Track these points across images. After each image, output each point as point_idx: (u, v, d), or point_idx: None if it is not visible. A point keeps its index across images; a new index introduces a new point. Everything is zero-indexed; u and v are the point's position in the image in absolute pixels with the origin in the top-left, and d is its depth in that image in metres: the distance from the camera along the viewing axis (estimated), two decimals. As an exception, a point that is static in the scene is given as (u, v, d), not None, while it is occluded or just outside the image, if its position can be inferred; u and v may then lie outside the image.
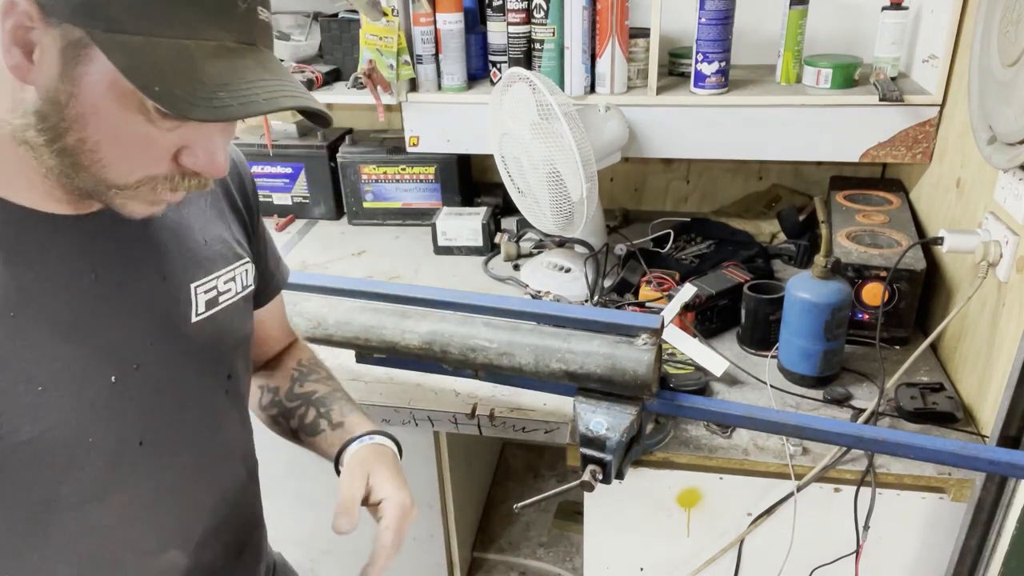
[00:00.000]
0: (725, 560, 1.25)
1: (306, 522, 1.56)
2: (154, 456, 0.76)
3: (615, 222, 1.91)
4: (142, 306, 0.74)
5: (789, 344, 1.28)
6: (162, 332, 0.75)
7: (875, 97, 1.48)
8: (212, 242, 0.82)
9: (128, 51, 0.56)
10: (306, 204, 2.03)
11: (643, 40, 1.62)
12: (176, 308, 0.77)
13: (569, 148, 1.40)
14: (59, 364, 0.67)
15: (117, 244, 0.72)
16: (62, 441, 0.68)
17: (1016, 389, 1.02)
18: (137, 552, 0.78)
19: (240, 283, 0.85)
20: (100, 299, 0.70)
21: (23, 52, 0.58)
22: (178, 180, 0.65)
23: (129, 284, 0.73)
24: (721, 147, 1.62)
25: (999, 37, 1.11)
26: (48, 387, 0.66)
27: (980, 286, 1.18)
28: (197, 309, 0.79)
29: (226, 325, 0.83)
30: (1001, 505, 1.08)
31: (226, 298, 0.83)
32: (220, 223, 0.84)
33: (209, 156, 0.65)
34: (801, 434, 1.08)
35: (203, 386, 0.81)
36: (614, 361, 1.02)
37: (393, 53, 1.62)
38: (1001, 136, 1.08)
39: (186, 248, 0.79)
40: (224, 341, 0.83)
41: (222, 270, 0.82)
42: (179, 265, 0.78)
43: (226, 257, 0.83)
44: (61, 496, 0.70)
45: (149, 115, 0.60)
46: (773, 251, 1.73)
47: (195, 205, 0.82)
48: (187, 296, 0.78)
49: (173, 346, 0.77)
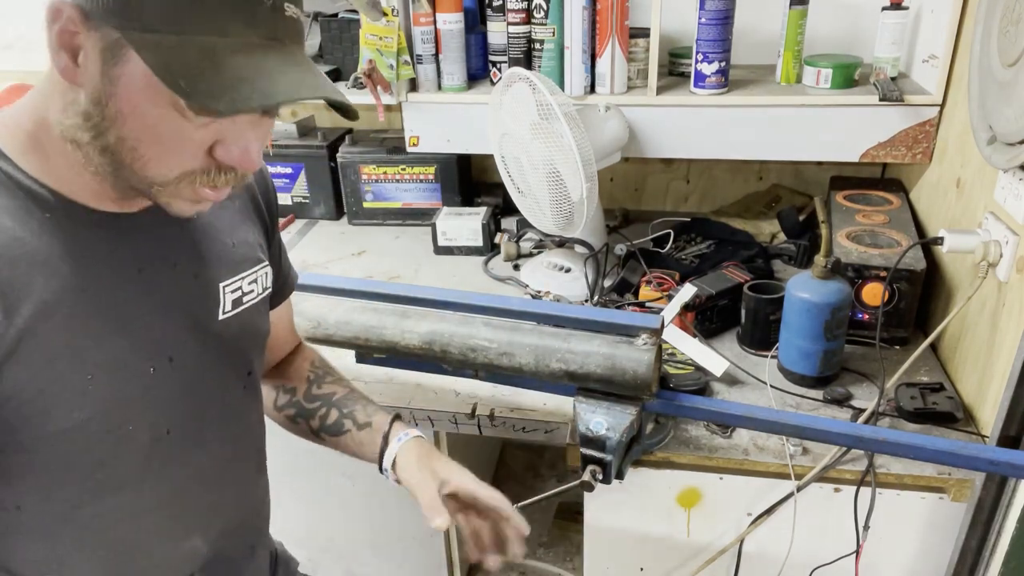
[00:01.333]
0: (725, 560, 1.25)
1: (303, 520, 1.56)
2: (181, 446, 0.80)
3: (615, 222, 1.91)
4: (177, 302, 0.78)
5: (789, 344, 1.28)
6: (193, 327, 0.79)
7: (875, 97, 1.48)
8: (239, 245, 0.86)
9: (159, 50, 0.59)
10: (306, 204, 2.03)
11: (643, 40, 1.62)
12: (206, 305, 0.81)
13: (569, 148, 1.40)
14: (106, 354, 0.70)
15: (158, 242, 0.76)
16: (104, 428, 0.71)
17: (1016, 389, 1.01)
18: (163, 538, 0.82)
19: (261, 285, 0.89)
20: (143, 293, 0.74)
21: (70, 55, 0.62)
22: (215, 175, 0.68)
23: (167, 280, 0.77)
24: (721, 147, 1.62)
25: (999, 37, 1.11)
26: (96, 376, 0.69)
27: (980, 286, 1.18)
28: (224, 307, 0.83)
29: (248, 324, 0.87)
30: (1001, 505, 1.08)
31: (249, 298, 0.87)
32: (246, 226, 0.89)
33: (242, 150, 0.67)
34: (801, 434, 1.08)
35: (226, 381, 0.85)
36: (614, 361, 1.01)
37: (393, 53, 1.62)
38: (1001, 136, 1.08)
39: (216, 249, 0.83)
40: (246, 339, 0.88)
41: (247, 271, 0.86)
42: (210, 265, 0.82)
43: (251, 260, 0.88)
44: (98, 482, 0.74)
45: (183, 111, 0.63)
46: (773, 251, 1.73)
47: (225, 208, 0.86)
48: (215, 295, 0.82)
49: (202, 342, 0.80)
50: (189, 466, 0.81)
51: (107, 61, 0.61)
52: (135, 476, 0.76)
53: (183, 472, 0.81)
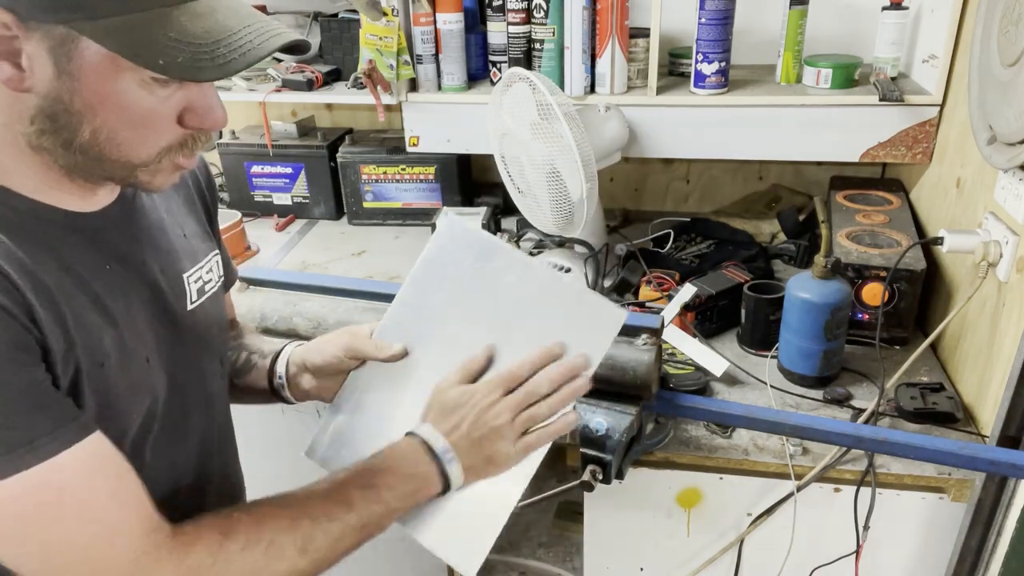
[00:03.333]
0: (725, 560, 1.25)
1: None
2: (168, 437, 0.79)
3: (615, 222, 1.91)
4: (148, 297, 0.77)
5: (789, 344, 1.28)
6: (167, 321, 0.79)
7: (875, 97, 1.48)
8: (191, 236, 0.86)
9: (119, 34, 0.58)
10: (306, 204, 2.03)
11: (643, 40, 1.62)
12: (174, 298, 0.81)
13: (569, 148, 1.40)
14: (110, 343, 0.70)
15: (121, 239, 0.75)
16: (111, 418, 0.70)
17: (1016, 389, 1.02)
18: None
19: (216, 273, 0.90)
20: (118, 291, 0.73)
21: (10, 63, 0.59)
22: (190, 143, 0.68)
23: (137, 277, 0.76)
24: (721, 147, 1.62)
25: (999, 37, 1.11)
26: (106, 364, 0.69)
27: (980, 286, 1.18)
28: (191, 297, 0.83)
29: (213, 312, 0.88)
30: (1001, 505, 1.08)
31: (210, 287, 0.88)
32: (192, 216, 0.89)
33: (208, 111, 0.67)
34: (801, 434, 1.08)
35: (204, 371, 0.85)
36: (614, 361, 1.02)
37: (393, 53, 1.62)
38: (1001, 136, 1.08)
39: (174, 241, 0.83)
40: (214, 327, 0.88)
41: (203, 260, 0.87)
42: (172, 257, 0.81)
43: (203, 249, 0.88)
44: None
45: (149, 88, 0.62)
46: (773, 251, 1.73)
47: (172, 200, 0.86)
48: (181, 287, 0.82)
49: (177, 333, 0.80)
50: (173, 456, 0.81)
51: (60, 59, 0.59)
52: None
53: (166, 463, 0.80)
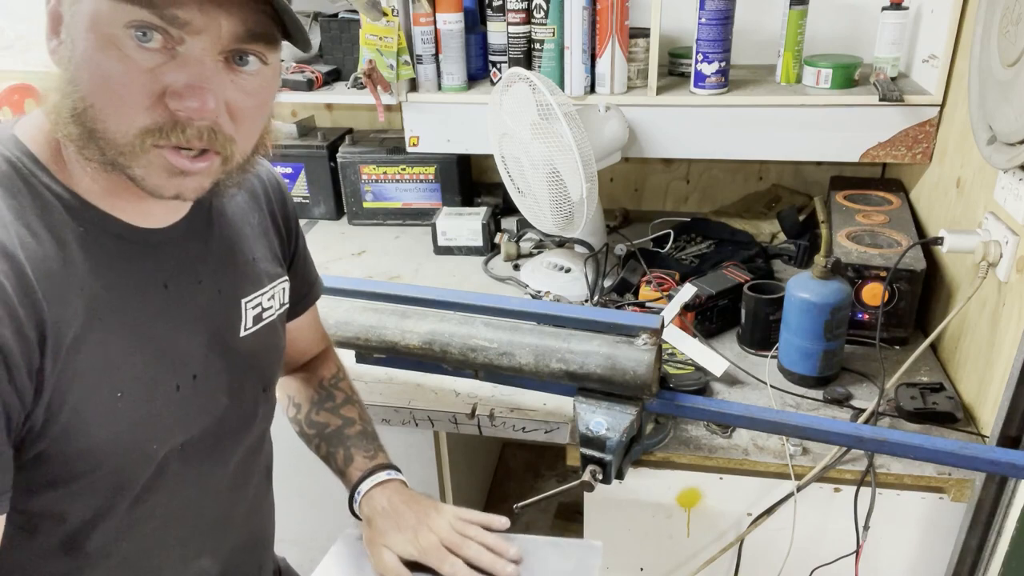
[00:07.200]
0: (725, 560, 1.25)
1: (306, 523, 1.55)
2: (196, 462, 0.77)
3: (615, 222, 1.91)
4: (202, 318, 0.75)
5: (789, 344, 1.28)
6: (216, 344, 0.77)
7: (875, 97, 1.48)
8: (259, 260, 0.84)
9: None
10: (306, 204, 2.03)
11: (643, 40, 1.62)
12: (229, 322, 0.79)
13: (569, 148, 1.40)
14: (135, 371, 0.68)
15: (183, 257, 0.74)
16: (128, 446, 0.69)
17: (1016, 389, 1.02)
18: (174, 557, 0.80)
19: (279, 300, 0.88)
20: (169, 310, 0.72)
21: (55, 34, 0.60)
22: (179, 133, 0.61)
23: (192, 297, 0.74)
24: (721, 147, 1.62)
25: (999, 37, 1.11)
26: (125, 393, 0.67)
27: (980, 286, 1.18)
28: (246, 324, 0.81)
29: (267, 340, 0.85)
30: (1001, 505, 1.08)
31: (268, 314, 0.85)
32: (265, 241, 0.87)
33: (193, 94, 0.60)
34: (801, 434, 1.08)
35: (244, 398, 0.83)
36: (614, 361, 1.02)
37: (393, 53, 1.62)
38: (1001, 136, 1.08)
39: (238, 264, 0.81)
40: (265, 356, 0.86)
41: (267, 287, 0.85)
42: (233, 280, 0.80)
43: (270, 275, 0.86)
44: (115, 503, 0.71)
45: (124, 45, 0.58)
46: (773, 251, 1.73)
47: (246, 223, 0.84)
48: (238, 311, 0.80)
49: (224, 358, 0.78)
50: (201, 482, 0.79)
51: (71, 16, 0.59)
52: (147, 492, 0.73)
53: (195, 488, 0.79)
